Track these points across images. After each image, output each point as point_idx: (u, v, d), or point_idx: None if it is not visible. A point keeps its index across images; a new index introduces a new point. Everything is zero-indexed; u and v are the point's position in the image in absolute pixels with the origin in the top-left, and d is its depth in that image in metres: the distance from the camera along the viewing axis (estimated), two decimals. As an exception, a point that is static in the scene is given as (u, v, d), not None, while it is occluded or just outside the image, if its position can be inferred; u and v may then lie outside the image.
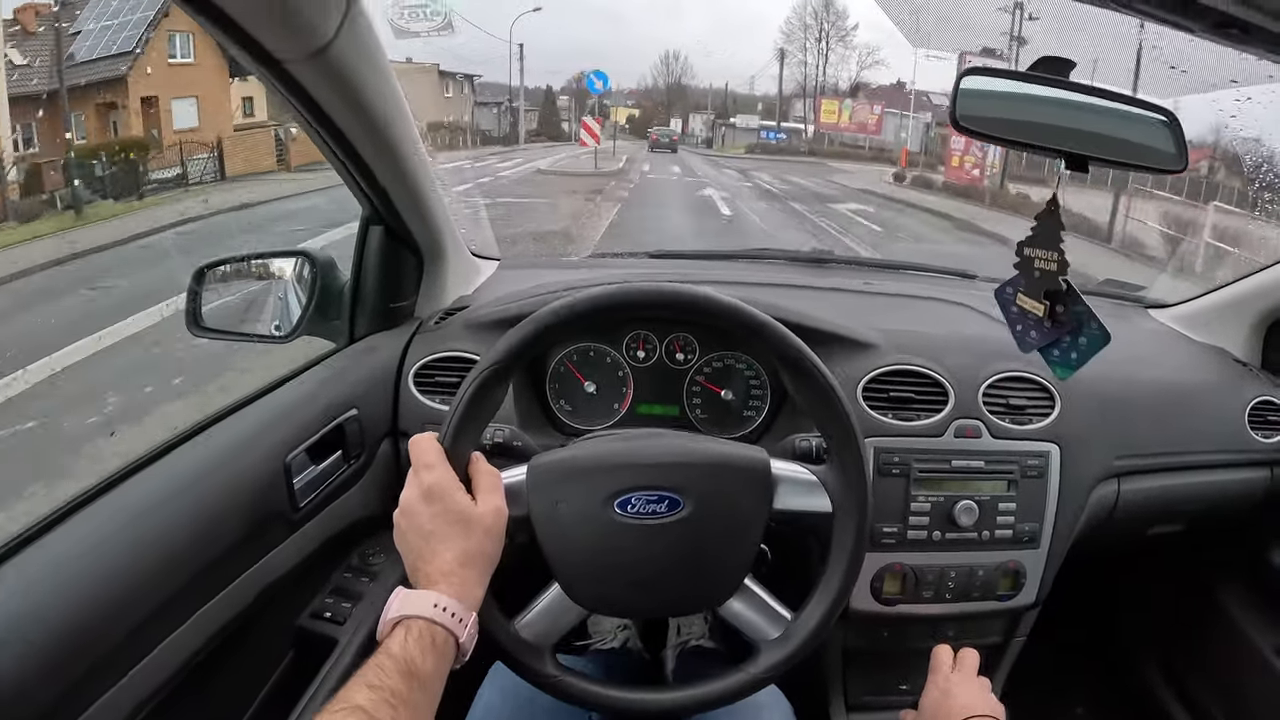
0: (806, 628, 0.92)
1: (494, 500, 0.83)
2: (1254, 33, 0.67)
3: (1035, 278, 0.99)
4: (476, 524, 0.80)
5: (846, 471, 0.92)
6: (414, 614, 0.73)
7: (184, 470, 0.94)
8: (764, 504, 0.91)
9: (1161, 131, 0.94)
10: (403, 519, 0.82)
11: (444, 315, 1.37)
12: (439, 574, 0.77)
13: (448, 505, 0.80)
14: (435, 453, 0.83)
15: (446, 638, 0.73)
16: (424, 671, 0.70)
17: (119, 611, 0.78)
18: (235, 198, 10.96)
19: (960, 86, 0.91)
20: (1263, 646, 1.55)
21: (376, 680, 0.67)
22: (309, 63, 0.91)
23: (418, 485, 0.81)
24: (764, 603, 0.94)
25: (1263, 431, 1.46)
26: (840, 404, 0.91)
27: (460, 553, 0.78)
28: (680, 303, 0.91)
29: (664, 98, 46.13)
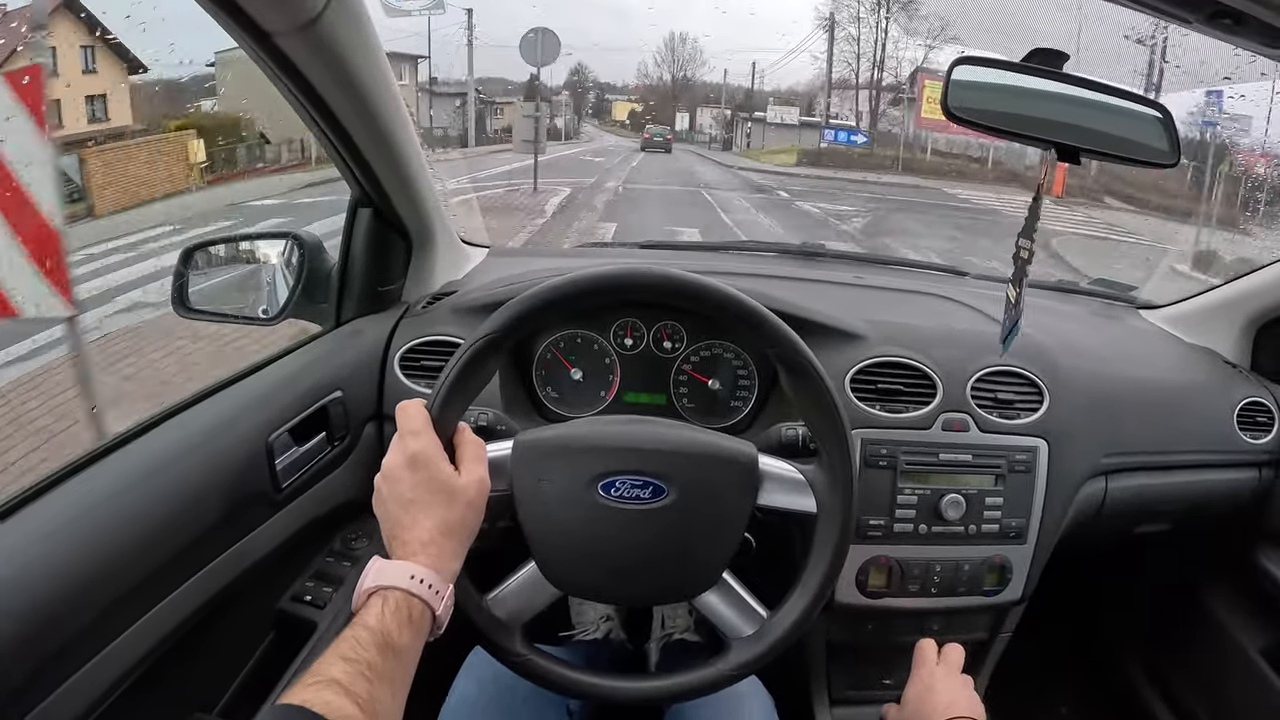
0: (781, 627, 0.92)
1: (478, 471, 0.82)
2: (1246, 23, 0.68)
3: (1018, 265, 1.00)
4: (459, 494, 0.79)
5: (834, 473, 0.91)
6: (390, 585, 0.72)
7: (166, 447, 0.93)
8: (748, 498, 0.90)
9: (1154, 126, 0.95)
10: (384, 484, 0.80)
11: (431, 300, 1.36)
12: (418, 543, 0.75)
13: (431, 473, 0.78)
14: (422, 419, 0.82)
15: (423, 610, 0.72)
16: (400, 644, 0.69)
17: (98, 586, 0.77)
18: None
19: (952, 77, 0.91)
20: (1247, 647, 1.55)
21: (352, 653, 0.65)
22: (298, 35, 0.90)
23: (402, 451, 0.80)
24: (740, 598, 0.94)
25: (1251, 432, 1.47)
26: (834, 406, 0.90)
27: (440, 522, 0.77)
28: (687, 290, 0.90)
29: (670, 90, 42.81)
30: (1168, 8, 0.73)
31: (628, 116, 45.01)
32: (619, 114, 46.20)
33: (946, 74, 0.91)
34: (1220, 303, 1.63)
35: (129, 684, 0.81)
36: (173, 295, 1.25)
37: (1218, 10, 0.68)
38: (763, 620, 0.93)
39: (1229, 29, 0.70)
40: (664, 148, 29.74)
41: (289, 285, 1.30)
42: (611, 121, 45.53)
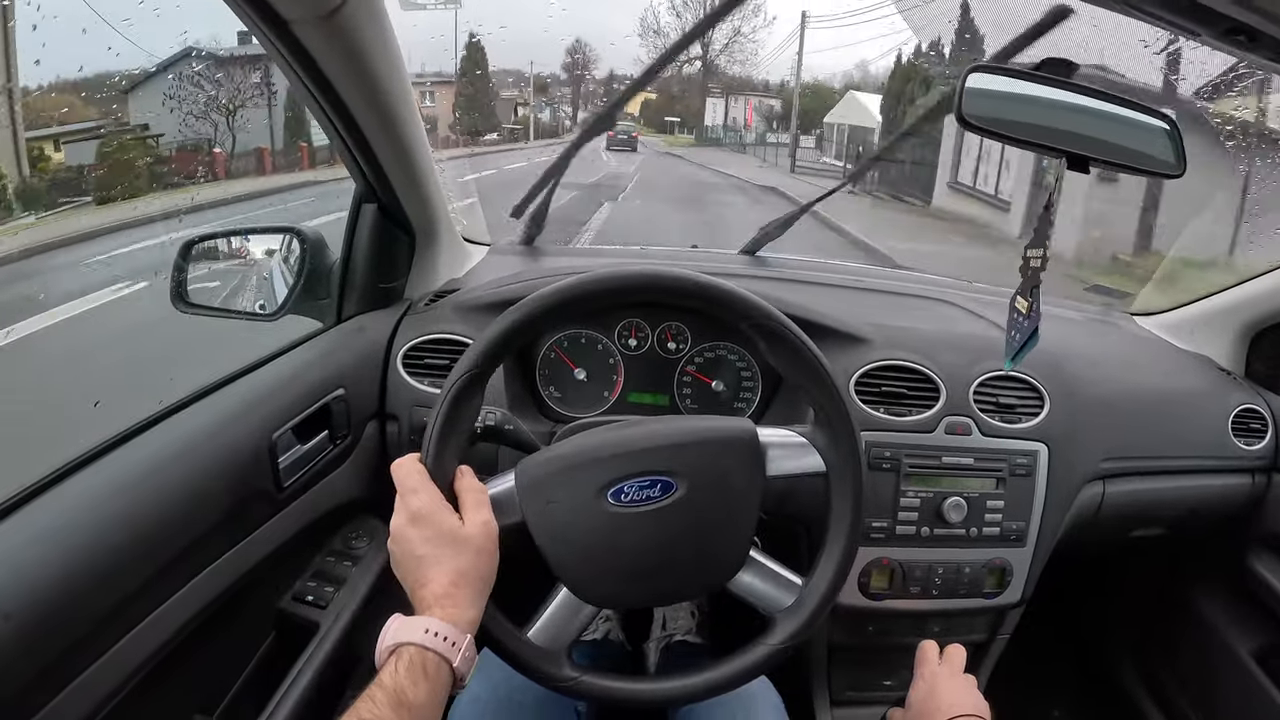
0: (819, 590, 0.92)
1: (481, 516, 0.82)
2: (1261, 40, 0.67)
3: (1028, 275, 1.00)
4: (467, 543, 0.79)
5: (834, 427, 0.91)
6: (405, 641, 0.72)
7: (169, 444, 0.92)
8: (758, 473, 0.90)
9: (1160, 138, 0.95)
10: (395, 546, 0.81)
11: (434, 297, 1.35)
12: (433, 598, 0.76)
13: (436, 528, 0.79)
14: (419, 475, 0.82)
15: (439, 664, 0.72)
16: (415, 701, 0.68)
17: (101, 586, 0.76)
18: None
19: (966, 84, 0.91)
20: (1239, 650, 1.57)
21: (368, 713, 0.66)
22: (317, 25, 0.90)
23: (405, 510, 0.80)
24: (773, 572, 0.93)
25: (1245, 439, 1.48)
26: (818, 363, 0.90)
27: (452, 573, 0.77)
28: (642, 284, 0.90)
29: (696, 77, 36.32)
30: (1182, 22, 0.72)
31: (640, 109, 40.12)
32: (632, 105, 41.12)
33: (960, 81, 0.91)
34: (1215, 310, 1.65)
35: (132, 685, 0.80)
36: (171, 290, 1.23)
37: (1233, 26, 0.68)
38: (799, 588, 0.93)
39: (1243, 45, 0.70)
40: (629, 145, 27.76)
41: (288, 281, 1.29)
42: (623, 114, 41.72)
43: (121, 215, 4.88)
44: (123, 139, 5.50)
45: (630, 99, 26.05)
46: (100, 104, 5.16)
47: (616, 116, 1.78)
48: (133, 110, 6.11)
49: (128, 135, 5.79)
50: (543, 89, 37.22)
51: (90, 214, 4.91)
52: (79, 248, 4.86)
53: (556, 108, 37.40)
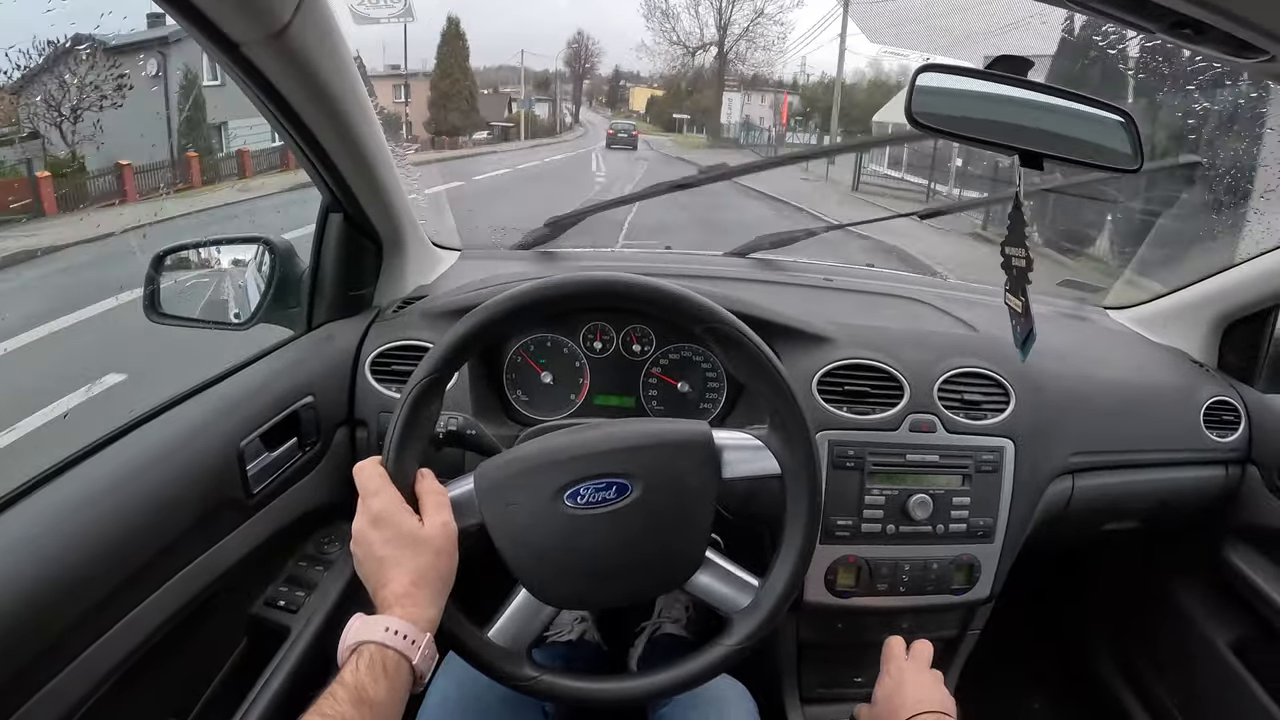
0: (775, 592, 0.93)
1: (441, 517, 0.83)
2: (1207, 33, 0.68)
3: (1014, 275, 1.01)
4: (425, 544, 0.80)
5: (788, 430, 0.92)
6: (366, 639, 0.73)
7: (137, 455, 0.94)
8: (713, 475, 0.91)
9: (1118, 131, 0.96)
10: (357, 547, 0.82)
11: (402, 304, 1.36)
12: (393, 597, 0.77)
13: (395, 529, 0.80)
14: (379, 478, 0.84)
15: (399, 661, 0.73)
16: (376, 698, 0.70)
17: (72, 593, 0.77)
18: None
19: (916, 83, 0.91)
20: (1216, 640, 1.58)
21: (329, 709, 0.67)
22: (266, 46, 0.90)
23: (365, 512, 0.82)
24: (729, 573, 0.95)
25: (1218, 431, 1.49)
26: (771, 365, 0.91)
27: (412, 573, 0.79)
28: (599, 289, 0.91)
29: (710, 69, 32.35)
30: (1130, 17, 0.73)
31: (646, 105, 38.23)
32: (637, 102, 39.32)
33: (910, 81, 0.92)
34: (1188, 303, 1.65)
35: (104, 691, 0.81)
36: (144, 300, 1.24)
37: (1179, 20, 0.69)
38: (755, 589, 0.94)
39: (1190, 39, 0.71)
40: (629, 144, 27.36)
41: (260, 290, 1.30)
42: (628, 111, 38.53)
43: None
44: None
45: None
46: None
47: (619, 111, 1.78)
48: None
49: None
50: (543, 84, 35.05)
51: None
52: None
53: (555, 103, 35.11)
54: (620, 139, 27.26)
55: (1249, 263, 1.52)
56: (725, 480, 0.92)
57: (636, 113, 36.54)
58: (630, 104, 38.74)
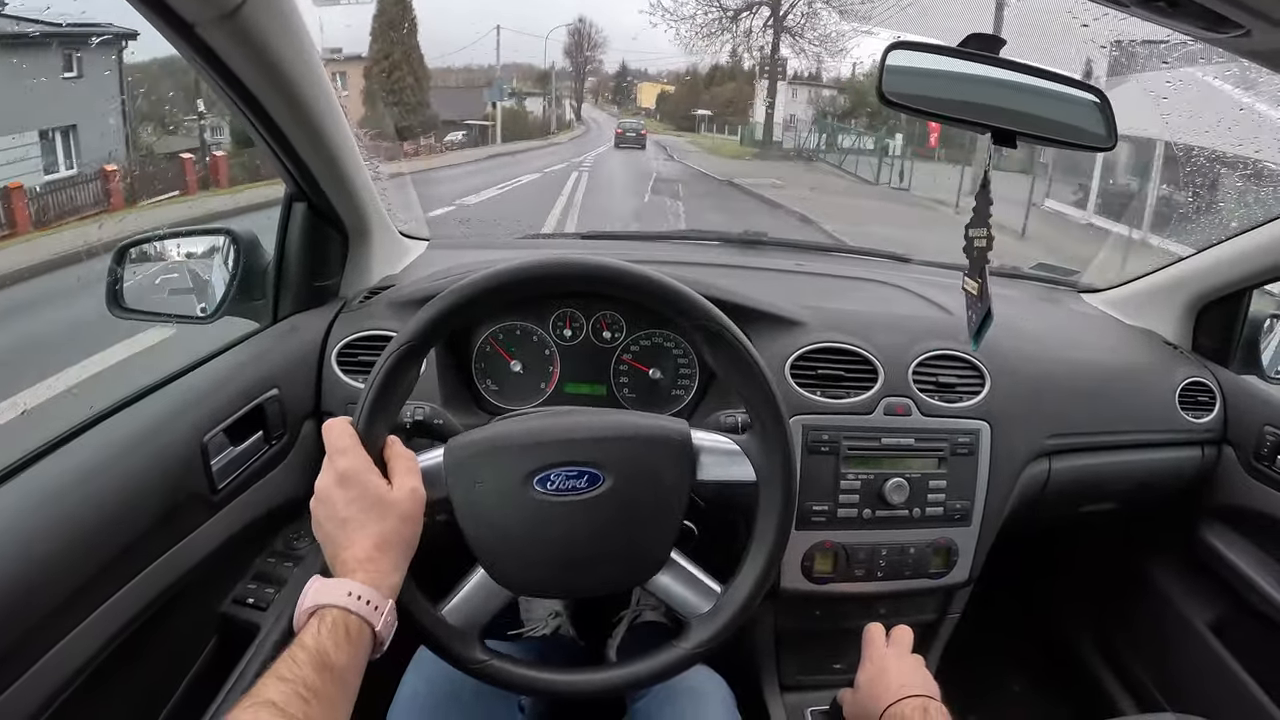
0: (736, 600, 0.91)
1: (409, 482, 0.81)
2: (1181, 5, 0.67)
3: (974, 256, 1.00)
4: (392, 508, 0.79)
5: (768, 438, 0.91)
6: (328, 603, 0.71)
7: (99, 450, 0.91)
8: (686, 475, 0.90)
9: (1091, 111, 0.96)
10: (318, 506, 0.80)
11: (369, 294, 1.34)
12: (355, 561, 0.75)
13: (362, 490, 0.78)
14: (349, 437, 0.81)
15: (361, 627, 0.72)
16: (338, 663, 0.68)
17: (31, 594, 0.75)
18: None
19: (886, 62, 0.91)
20: (1194, 619, 1.59)
21: (289, 673, 0.65)
22: (219, 26, 0.88)
23: (331, 470, 0.80)
24: (692, 576, 0.94)
25: (1193, 412, 1.49)
26: (756, 367, 0.90)
27: (376, 537, 0.77)
28: (596, 274, 0.89)
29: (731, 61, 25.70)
30: (1101, -9, 0.72)
31: (656, 102, 34.05)
32: (645, 98, 35.16)
33: (881, 59, 0.91)
34: (1162, 285, 1.66)
35: (70, 692, 0.80)
36: (107, 295, 1.21)
37: (1150, -7, 0.68)
38: (717, 595, 0.93)
39: (1164, 13, 0.70)
40: (637, 143, 25.96)
41: (225, 282, 1.27)
42: (636, 109, 34.52)
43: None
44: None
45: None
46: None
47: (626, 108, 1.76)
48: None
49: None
50: (544, 79, 31.58)
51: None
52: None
53: (550, 97, 31.23)
54: (629, 138, 26.35)
55: (1222, 245, 1.53)
56: (698, 481, 0.91)
57: (646, 110, 33.26)
58: (638, 100, 35.00)
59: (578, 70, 33.27)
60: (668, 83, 33.60)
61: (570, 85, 33.10)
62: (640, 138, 26.60)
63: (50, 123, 5.86)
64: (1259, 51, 0.73)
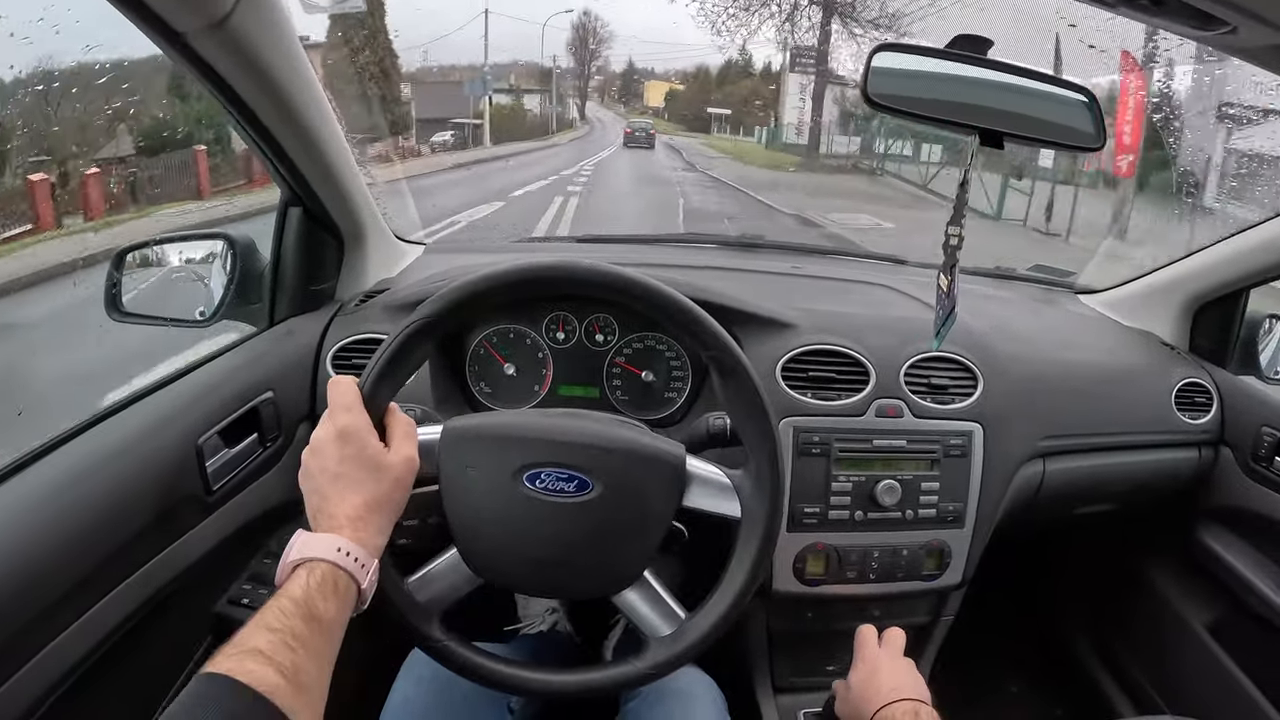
0: (698, 630, 0.92)
1: (407, 449, 0.82)
2: (1166, 3, 0.67)
3: (947, 254, 1.00)
4: (387, 471, 0.79)
5: (761, 480, 0.91)
6: (316, 557, 0.71)
7: (94, 452, 0.92)
8: (673, 499, 0.90)
9: (1080, 111, 0.96)
10: (312, 458, 0.79)
11: (365, 298, 1.35)
12: (344, 517, 0.75)
13: (360, 448, 0.78)
14: (353, 395, 0.81)
15: (349, 583, 0.72)
16: (326, 616, 0.68)
17: (27, 594, 0.76)
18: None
19: (872, 64, 0.91)
20: (1191, 620, 1.59)
21: (276, 623, 0.64)
22: (209, 35, 0.89)
23: (332, 425, 0.79)
24: (660, 598, 0.94)
25: (1189, 413, 1.49)
26: (765, 412, 0.90)
27: (368, 497, 0.77)
28: (624, 287, 0.89)
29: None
30: (1088, -11, 0.73)
31: (665, 99, 31.46)
32: (653, 97, 32.70)
33: (866, 61, 0.91)
34: (1158, 286, 1.65)
35: (64, 689, 0.80)
36: (105, 299, 1.23)
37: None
38: (680, 621, 0.93)
39: (1150, 11, 0.70)
40: (647, 143, 25.22)
41: (223, 286, 1.29)
42: (644, 108, 32.59)
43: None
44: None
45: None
46: None
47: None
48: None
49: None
50: (545, 76, 29.71)
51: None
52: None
53: (551, 94, 29.30)
54: (639, 138, 25.62)
55: (1218, 245, 1.53)
56: (684, 506, 0.91)
57: (653, 109, 31.55)
58: (646, 99, 32.95)
59: (581, 66, 31.66)
60: (676, 81, 32.13)
61: (575, 84, 31.65)
62: (649, 138, 26.00)
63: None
64: (1246, 49, 0.73)
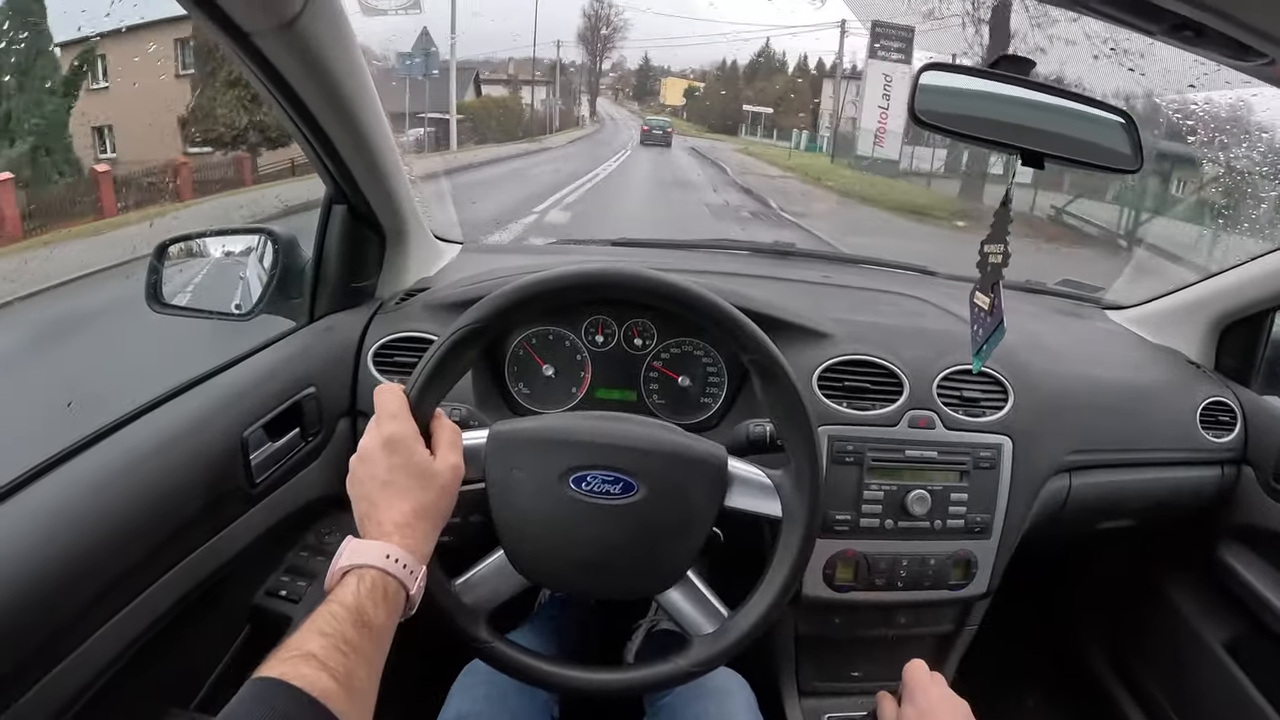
0: (740, 628, 0.93)
1: (453, 457, 0.83)
2: (1207, 35, 0.69)
3: (988, 271, 1.01)
4: (434, 479, 0.80)
5: (801, 480, 0.93)
6: (366, 563, 0.72)
7: (141, 444, 0.94)
8: (715, 499, 0.92)
9: (1118, 132, 0.96)
10: (360, 466, 0.81)
11: (405, 296, 1.37)
12: (392, 525, 0.76)
13: (407, 457, 0.79)
14: (399, 403, 0.83)
15: (398, 589, 0.73)
16: (376, 622, 0.69)
17: (76, 582, 0.77)
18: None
19: (920, 82, 0.92)
20: (1209, 639, 1.59)
21: (329, 628, 0.65)
22: (276, 35, 0.91)
23: (379, 434, 0.81)
24: (703, 597, 0.95)
25: (1214, 431, 1.50)
26: (806, 415, 0.92)
27: (416, 505, 0.78)
28: (671, 294, 0.91)
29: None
30: (1130, 18, 0.74)
31: (684, 96, 28.81)
32: (671, 95, 29.82)
33: (914, 79, 0.92)
34: (1185, 304, 1.66)
35: (108, 677, 0.82)
36: (146, 290, 1.24)
37: (1179, 22, 0.69)
38: (723, 619, 0.95)
39: (1191, 40, 0.72)
40: (664, 141, 24.79)
41: (262, 281, 1.30)
42: (661, 106, 30.04)
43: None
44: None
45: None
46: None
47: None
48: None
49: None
50: (552, 69, 27.19)
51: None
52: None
53: (553, 86, 26.12)
54: (656, 136, 25.23)
55: (1246, 265, 1.54)
56: (726, 507, 0.93)
57: (671, 108, 29.14)
58: (663, 98, 30.20)
59: (593, 58, 28.55)
60: (695, 79, 29.27)
61: (586, 79, 28.86)
62: (667, 136, 25.52)
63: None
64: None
